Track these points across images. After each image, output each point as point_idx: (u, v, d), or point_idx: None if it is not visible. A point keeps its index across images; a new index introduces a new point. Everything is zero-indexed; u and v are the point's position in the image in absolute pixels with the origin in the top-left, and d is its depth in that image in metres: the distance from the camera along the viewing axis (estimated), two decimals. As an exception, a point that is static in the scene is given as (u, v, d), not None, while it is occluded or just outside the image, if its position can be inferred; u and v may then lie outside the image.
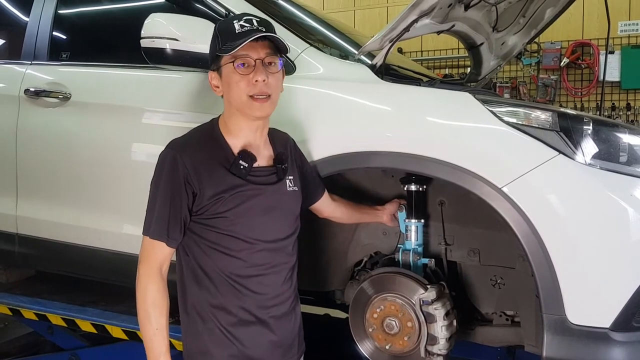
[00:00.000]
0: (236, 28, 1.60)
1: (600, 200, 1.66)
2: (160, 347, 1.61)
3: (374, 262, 2.25)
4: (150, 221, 1.63)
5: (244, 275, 1.66)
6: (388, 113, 1.90)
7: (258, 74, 1.61)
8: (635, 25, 4.89)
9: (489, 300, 2.11)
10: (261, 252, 1.67)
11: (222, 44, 1.61)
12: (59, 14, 2.61)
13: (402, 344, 1.93)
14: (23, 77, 2.54)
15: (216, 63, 1.66)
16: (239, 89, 1.61)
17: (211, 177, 1.61)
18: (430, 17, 2.02)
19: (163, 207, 1.60)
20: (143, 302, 1.61)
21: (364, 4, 5.96)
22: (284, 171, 1.73)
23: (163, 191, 1.61)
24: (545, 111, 1.76)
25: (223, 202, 1.61)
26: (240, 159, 1.64)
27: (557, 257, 1.65)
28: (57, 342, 2.88)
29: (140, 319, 1.62)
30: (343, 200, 2.03)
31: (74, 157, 2.40)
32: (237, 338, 1.66)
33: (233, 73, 1.61)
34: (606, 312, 1.65)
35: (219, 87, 1.68)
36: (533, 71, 5.19)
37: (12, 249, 2.61)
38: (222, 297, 1.66)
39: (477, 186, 1.72)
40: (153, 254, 1.62)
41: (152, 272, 1.62)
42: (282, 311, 1.73)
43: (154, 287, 1.61)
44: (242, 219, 1.63)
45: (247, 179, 1.64)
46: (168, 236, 1.61)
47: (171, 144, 1.66)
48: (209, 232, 1.64)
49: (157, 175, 1.64)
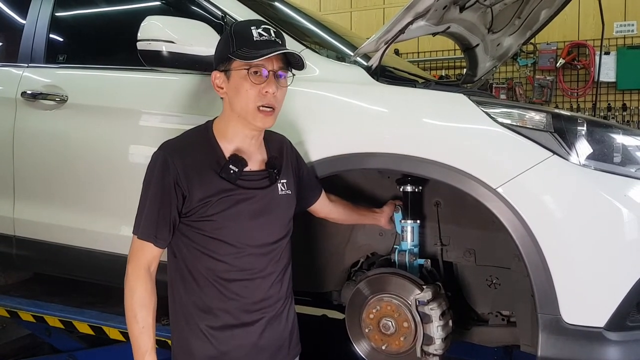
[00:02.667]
0: (254, 35, 1.60)
1: (595, 200, 1.67)
2: (146, 345, 1.62)
3: (371, 262, 2.25)
4: (140, 221, 1.63)
5: (229, 279, 1.66)
6: (384, 114, 1.91)
7: (270, 85, 1.61)
8: (631, 26, 4.90)
9: (485, 301, 2.11)
10: (248, 256, 1.67)
11: (237, 48, 1.59)
12: (55, 16, 2.62)
13: (398, 344, 1.93)
14: (20, 80, 2.54)
15: (225, 64, 1.64)
16: (247, 97, 1.61)
17: (201, 180, 1.61)
18: (425, 19, 2.04)
19: (152, 208, 1.61)
20: (130, 301, 1.62)
21: (360, 5, 5.97)
22: (275, 176, 1.73)
23: (153, 192, 1.61)
24: (539, 112, 1.77)
25: (211, 206, 1.61)
26: (231, 163, 1.63)
27: (551, 257, 1.66)
28: (55, 344, 2.89)
29: (128, 318, 1.63)
30: (341, 200, 2.03)
31: (71, 160, 2.40)
32: (218, 340, 1.67)
33: (244, 80, 1.60)
34: (600, 312, 1.66)
35: (222, 89, 1.67)
36: (529, 72, 5.20)
37: (10, 251, 2.61)
38: (207, 299, 1.66)
39: (472, 187, 1.73)
40: (141, 254, 1.63)
41: (140, 271, 1.62)
42: (269, 314, 1.72)
43: (141, 286, 1.61)
44: (229, 222, 1.63)
45: (236, 183, 1.64)
46: (156, 237, 1.61)
47: (163, 145, 1.67)
48: (196, 235, 1.64)
49: (148, 175, 1.64)
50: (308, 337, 1.94)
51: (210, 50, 1.96)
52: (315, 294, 2.50)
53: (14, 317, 2.72)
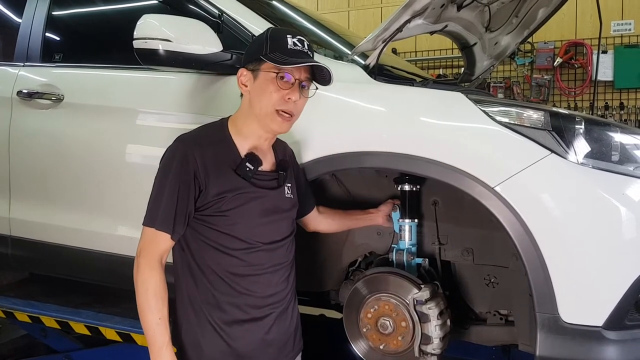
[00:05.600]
0: (289, 43, 1.64)
1: (593, 199, 1.67)
2: (163, 337, 1.60)
3: (369, 262, 2.25)
4: (157, 212, 1.62)
5: (239, 274, 1.68)
6: (381, 113, 1.90)
7: (294, 92, 1.65)
8: (629, 24, 4.90)
9: (483, 300, 2.11)
10: (258, 252, 1.69)
11: (271, 51, 1.62)
12: (51, 15, 2.61)
13: (396, 343, 1.93)
14: (16, 79, 2.53)
15: (255, 65, 1.66)
16: (270, 99, 1.64)
17: (218, 175, 1.63)
18: (422, 18, 2.03)
19: (171, 199, 1.60)
20: (145, 292, 1.60)
21: (358, 4, 5.96)
22: (284, 178, 1.76)
23: (172, 183, 1.61)
24: (537, 110, 1.76)
25: (225, 202, 1.63)
26: (247, 160, 1.67)
27: (549, 256, 1.66)
28: (51, 344, 2.88)
29: (142, 310, 1.60)
30: (330, 210, 2.05)
31: (67, 159, 2.39)
32: (228, 335, 1.68)
33: (271, 82, 1.64)
34: (599, 311, 1.66)
35: (246, 87, 1.69)
36: (527, 71, 5.20)
37: (6, 251, 2.60)
38: (216, 293, 1.67)
39: (470, 186, 1.73)
40: (155, 245, 1.62)
41: (153, 262, 1.61)
42: (277, 310, 1.75)
43: (155, 277, 1.61)
44: (242, 219, 1.65)
45: (251, 181, 1.67)
46: (173, 228, 1.62)
47: (181, 138, 1.68)
48: (208, 230, 1.65)
49: (166, 167, 1.64)
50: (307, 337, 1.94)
51: (206, 49, 1.97)
52: (313, 294, 2.49)
53: (10, 318, 2.71)
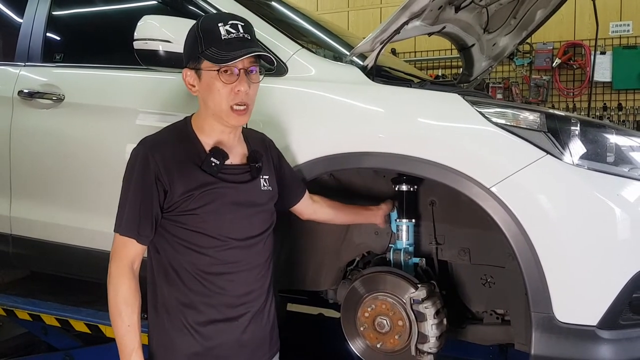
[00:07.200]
0: (222, 33, 1.57)
1: (588, 200, 1.68)
2: (133, 343, 1.60)
3: (366, 261, 2.26)
4: (122, 218, 1.62)
5: (213, 273, 1.65)
6: (379, 114, 1.92)
7: (241, 84, 1.60)
8: (627, 26, 4.92)
9: (479, 299, 2.12)
10: (232, 249, 1.66)
11: (206, 47, 1.57)
12: (52, 15, 2.62)
13: (393, 342, 1.94)
14: (17, 79, 2.55)
15: (195, 63, 1.62)
16: (220, 97, 1.60)
17: (182, 174, 1.60)
18: (421, 19, 2.04)
19: (134, 204, 1.60)
20: (115, 299, 1.60)
21: (357, 5, 5.97)
22: (257, 170, 1.72)
23: (134, 188, 1.60)
24: (533, 112, 1.78)
25: (193, 200, 1.60)
26: (212, 156, 1.63)
27: (544, 256, 1.67)
28: (52, 342, 2.89)
29: (112, 316, 1.61)
30: (326, 200, 2.01)
31: (68, 158, 2.41)
32: (202, 336, 1.65)
33: (216, 79, 1.59)
34: (593, 311, 1.68)
35: (194, 87, 1.65)
36: (525, 72, 5.21)
37: (6, 249, 2.61)
38: (191, 294, 1.65)
39: (466, 186, 1.75)
40: (124, 251, 1.62)
41: (123, 269, 1.61)
42: (253, 309, 1.71)
43: (125, 284, 1.60)
44: (212, 216, 1.62)
45: (218, 176, 1.63)
46: (138, 233, 1.60)
47: (143, 141, 1.66)
48: (179, 229, 1.63)
49: (129, 172, 1.63)
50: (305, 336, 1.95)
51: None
52: (311, 293, 2.51)
53: (10, 316, 2.72)
